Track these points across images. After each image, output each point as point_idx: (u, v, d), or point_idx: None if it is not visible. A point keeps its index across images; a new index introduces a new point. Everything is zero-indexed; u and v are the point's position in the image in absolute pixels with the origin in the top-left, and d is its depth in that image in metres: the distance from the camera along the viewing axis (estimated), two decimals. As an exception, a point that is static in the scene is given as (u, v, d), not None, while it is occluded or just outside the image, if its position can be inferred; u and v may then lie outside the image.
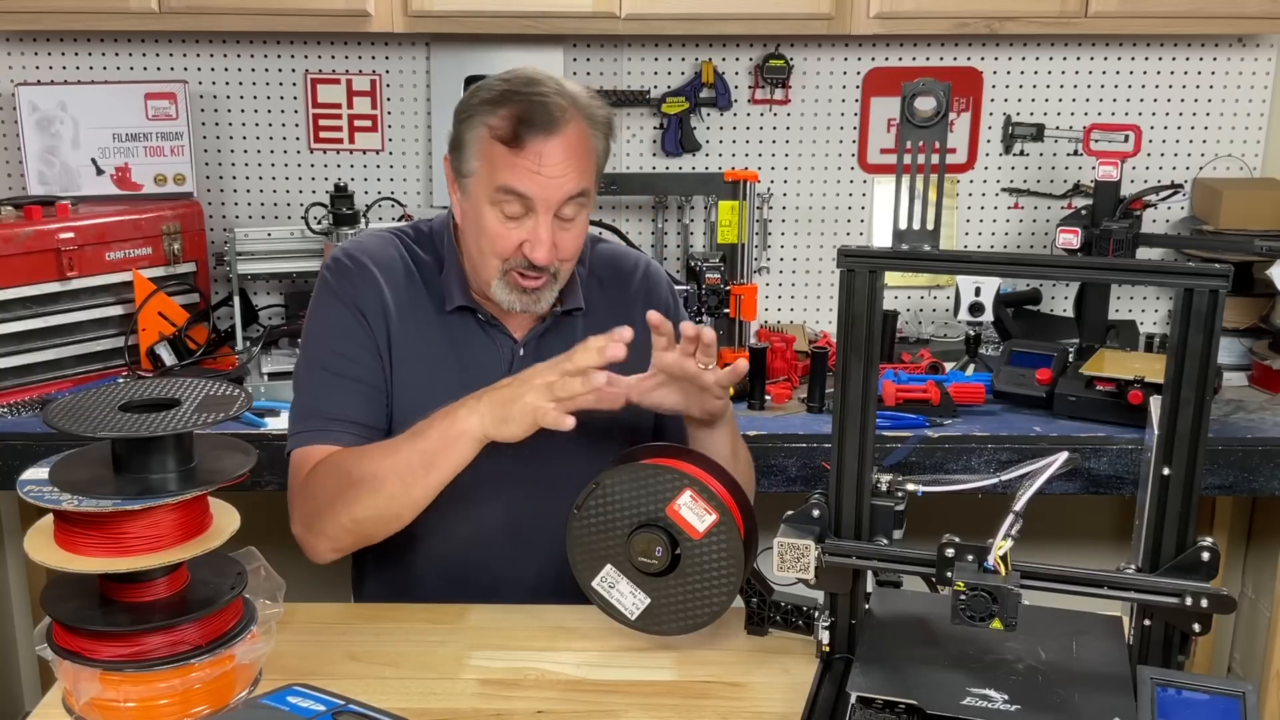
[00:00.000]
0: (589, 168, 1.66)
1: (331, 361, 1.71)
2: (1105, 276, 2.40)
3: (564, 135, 1.61)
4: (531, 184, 1.61)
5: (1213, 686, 1.18)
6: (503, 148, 1.61)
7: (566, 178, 1.62)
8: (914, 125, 1.30)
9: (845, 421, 1.32)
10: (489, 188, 1.63)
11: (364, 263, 1.74)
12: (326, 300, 1.74)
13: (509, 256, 1.65)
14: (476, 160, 1.65)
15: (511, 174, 1.61)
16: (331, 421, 1.68)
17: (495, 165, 1.62)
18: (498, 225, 1.64)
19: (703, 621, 1.46)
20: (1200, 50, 2.87)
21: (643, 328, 1.78)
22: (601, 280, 1.82)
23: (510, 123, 1.60)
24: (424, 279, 1.75)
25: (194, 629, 1.26)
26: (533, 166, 1.60)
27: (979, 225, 2.98)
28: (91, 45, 2.80)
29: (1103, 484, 2.31)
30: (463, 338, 1.74)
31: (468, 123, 1.66)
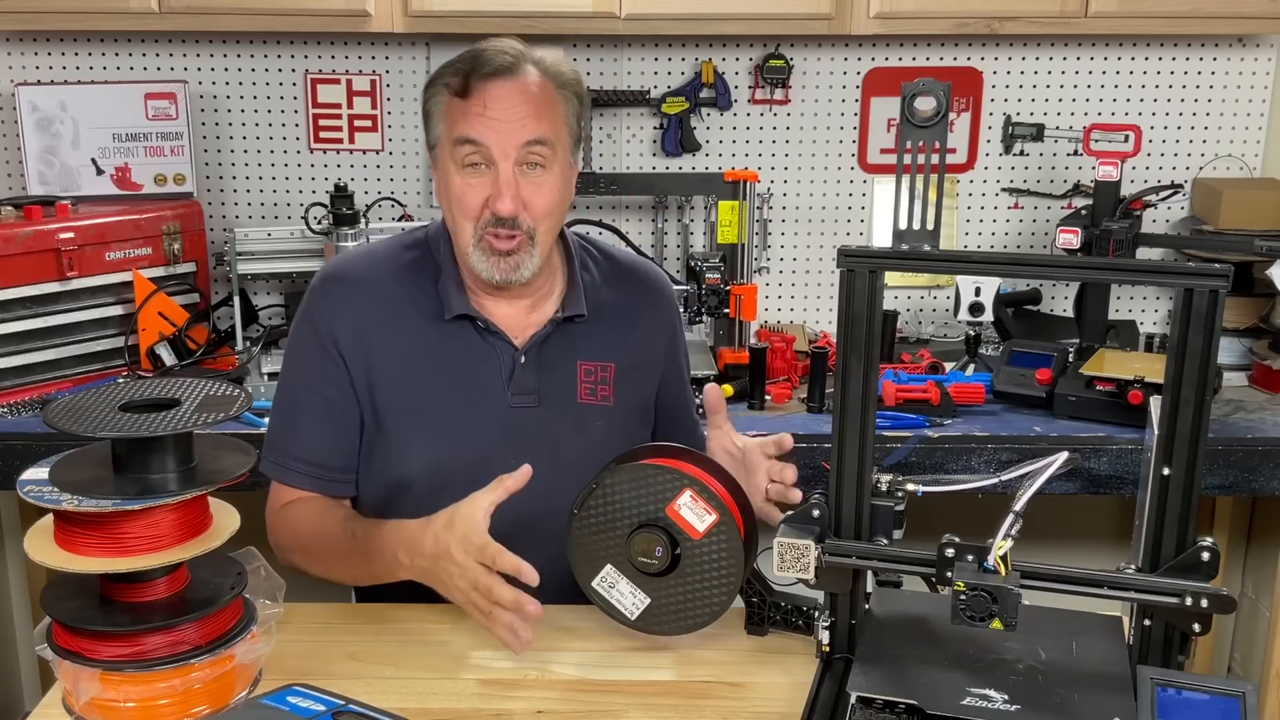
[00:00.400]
0: (550, 117, 1.64)
1: (300, 394, 1.71)
2: (1105, 276, 2.40)
3: (516, 81, 1.62)
4: (482, 127, 1.60)
5: (1213, 686, 1.18)
6: (457, 100, 1.62)
7: (520, 122, 1.61)
8: (914, 125, 1.30)
9: (845, 421, 1.32)
10: (448, 143, 1.64)
11: (348, 284, 1.72)
12: (302, 329, 1.73)
13: (477, 216, 1.64)
14: (439, 124, 1.66)
15: (464, 121, 1.61)
16: (296, 461, 1.70)
17: (453, 119, 1.63)
18: (461, 183, 1.64)
19: (703, 621, 1.46)
20: (1200, 50, 2.87)
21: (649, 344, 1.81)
22: (613, 287, 1.81)
23: (461, 75, 1.62)
24: (419, 289, 1.72)
25: (194, 629, 1.26)
26: (480, 110, 1.60)
27: (979, 225, 2.98)
28: (91, 45, 2.80)
29: (1103, 484, 2.31)
30: (460, 348, 1.72)
31: (431, 90, 1.67)
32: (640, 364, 1.80)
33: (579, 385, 1.74)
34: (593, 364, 1.75)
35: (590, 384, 1.75)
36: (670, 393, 1.86)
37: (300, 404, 1.71)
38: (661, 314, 1.84)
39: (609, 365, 1.76)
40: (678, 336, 1.88)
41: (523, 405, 1.71)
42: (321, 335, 1.70)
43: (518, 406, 1.70)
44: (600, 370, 1.75)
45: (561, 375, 1.74)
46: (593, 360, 1.75)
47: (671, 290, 1.89)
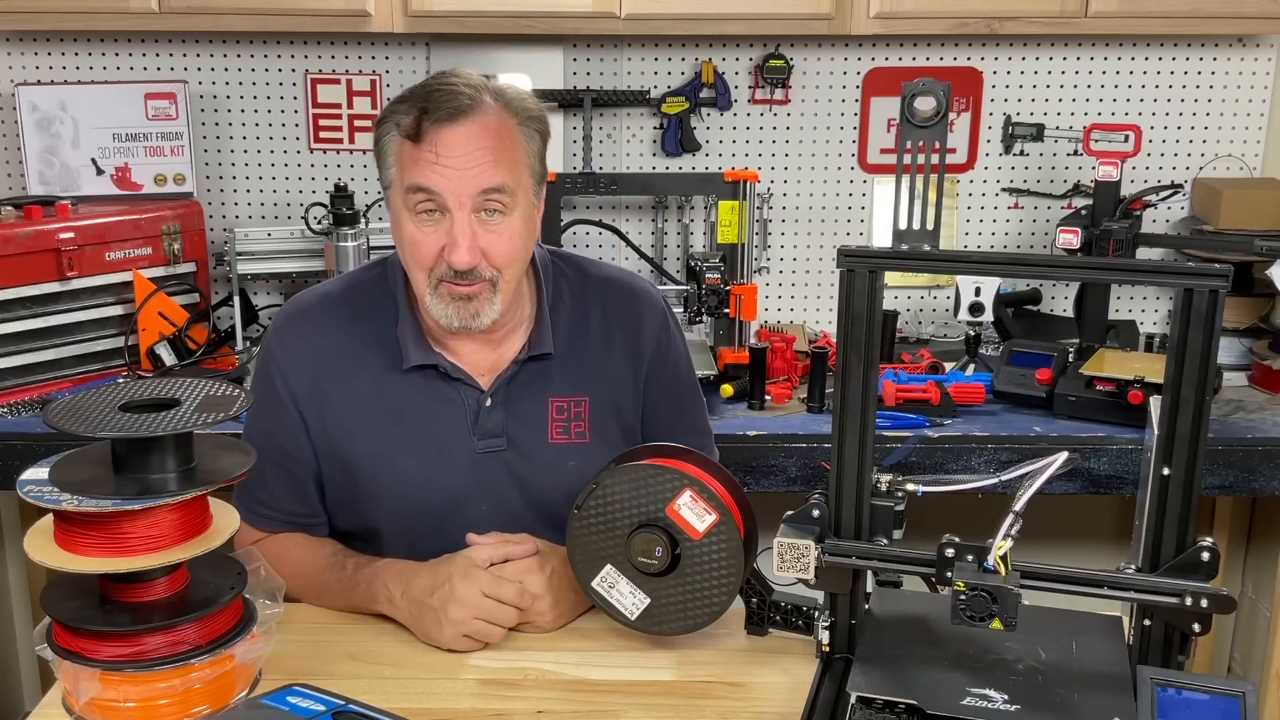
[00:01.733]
0: (509, 160, 1.54)
1: (263, 444, 1.60)
2: (1105, 276, 2.40)
3: (472, 123, 1.52)
4: (435, 176, 1.51)
5: (1213, 686, 1.18)
6: (409, 144, 1.53)
7: (476, 170, 1.51)
8: (914, 125, 1.30)
9: (845, 421, 1.32)
10: (401, 191, 1.55)
11: (305, 332, 1.66)
12: (263, 379, 1.68)
13: (432, 266, 1.55)
14: (392, 166, 1.57)
15: (415, 169, 1.52)
16: (261, 507, 1.67)
17: (403, 164, 1.54)
18: (415, 231, 1.55)
19: (703, 621, 1.46)
20: (1200, 50, 2.87)
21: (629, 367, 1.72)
22: (588, 311, 1.72)
23: (415, 117, 1.52)
24: (376, 335, 1.65)
25: (194, 629, 1.26)
26: (432, 157, 1.51)
27: (979, 225, 2.98)
28: (91, 45, 2.80)
29: (1103, 484, 2.31)
30: (421, 395, 1.64)
31: (382, 127, 1.58)
32: (619, 398, 1.71)
33: (550, 425, 1.67)
34: (565, 400, 1.68)
35: (563, 422, 1.68)
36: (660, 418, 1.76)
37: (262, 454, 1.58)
38: (643, 335, 1.73)
39: (583, 400, 1.68)
40: (666, 353, 1.76)
41: (491, 449, 1.65)
42: (278, 388, 1.65)
43: (485, 451, 1.65)
44: (573, 406, 1.68)
45: (531, 415, 1.67)
46: (565, 396, 1.68)
47: (656, 301, 1.77)
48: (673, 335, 1.77)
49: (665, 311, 1.78)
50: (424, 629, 1.50)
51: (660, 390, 1.75)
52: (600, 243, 2.91)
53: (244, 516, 1.60)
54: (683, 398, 1.80)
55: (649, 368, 1.73)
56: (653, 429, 1.75)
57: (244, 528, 1.64)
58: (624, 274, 1.80)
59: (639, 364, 1.72)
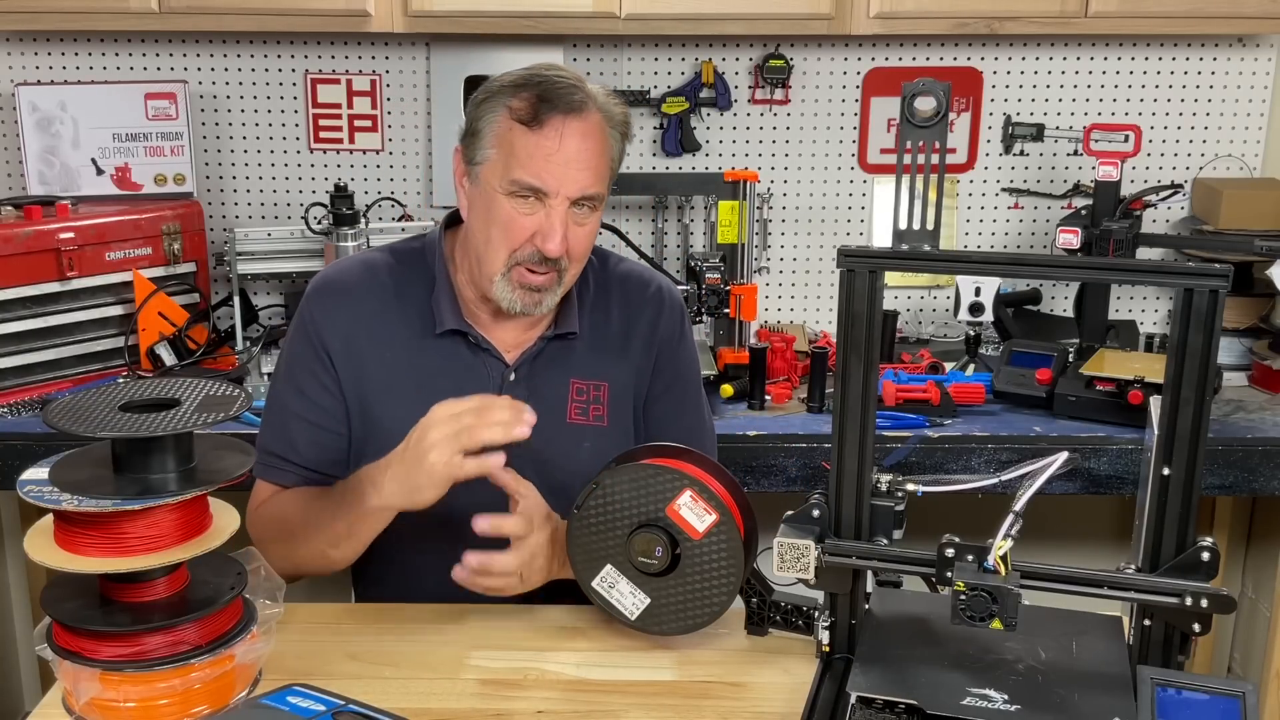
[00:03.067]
0: (605, 167, 1.63)
1: (292, 399, 1.71)
2: (1105, 276, 2.40)
3: (585, 120, 1.58)
4: (548, 171, 1.57)
5: (1213, 686, 1.18)
6: (522, 129, 1.57)
7: (585, 171, 1.59)
8: (914, 125, 1.30)
9: (845, 421, 1.32)
10: (504, 172, 1.59)
11: (341, 293, 1.71)
12: (297, 335, 1.73)
13: (519, 246, 1.61)
14: (492, 146, 1.61)
15: (529, 160, 1.57)
16: (281, 461, 1.70)
17: (514, 147, 1.58)
18: (511, 211, 1.60)
19: (703, 621, 1.46)
20: (1200, 50, 2.87)
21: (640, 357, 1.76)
22: (609, 301, 1.77)
23: (531, 103, 1.57)
24: (411, 303, 1.71)
25: (194, 629, 1.26)
26: (553, 146, 1.57)
27: (979, 225, 2.98)
28: (91, 45, 2.80)
29: (1103, 484, 2.31)
30: (450, 363, 1.70)
31: (485, 104, 1.62)
32: (637, 380, 1.77)
33: (569, 404, 1.72)
34: (585, 383, 1.73)
35: (582, 403, 1.72)
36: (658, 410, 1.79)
37: (291, 409, 1.71)
38: (658, 329, 1.78)
39: (602, 384, 1.73)
40: (674, 347, 1.80)
41: None
42: (314, 343, 1.70)
43: None
44: (593, 389, 1.73)
45: (552, 393, 1.71)
46: (586, 379, 1.73)
47: (675, 297, 1.83)
48: (685, 334, 1.83)
49: (681, 309, 1.83)
50: (416, 481, 1.47)
51: (662, 383, 1.79)
52: (600, 243, 2.90)
53: (261, 474, 1.70)
54: (682, 395, 1.82)
55: (657, 359, 1.78)
56: (648, 421, 1.78)
57: (261, 488, 1.72)
58: (645, 268, 1.86)
59: (650, 354, 1.77)
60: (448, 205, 2.88)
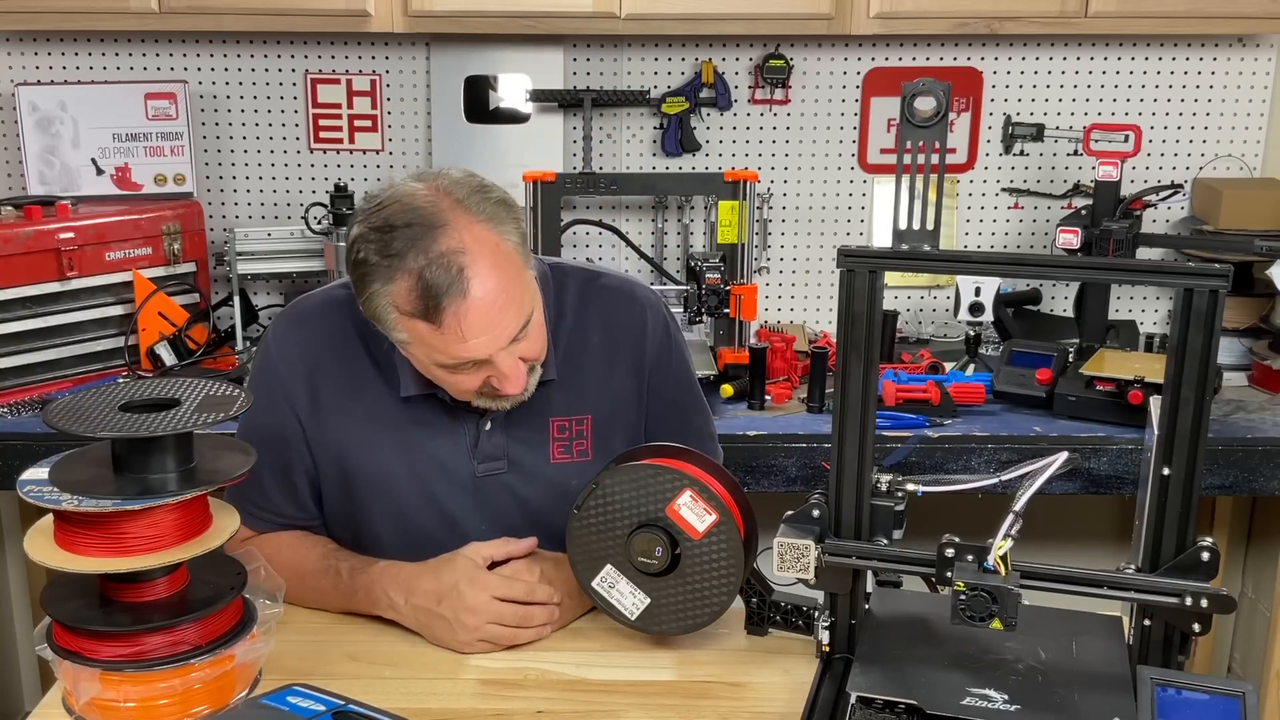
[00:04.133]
0: (518, 286, 1.48)
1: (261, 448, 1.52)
2: (1105, 276, 2.40)
3: (479, 281, 1.43)
4: (474, 350, 1.45)
5: (1213, 686, 1.18)
6: (423, 326, 1.44)
7: (504, 323, 1.46)
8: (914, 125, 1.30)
9: (845, 421, 1.32)
10: (430, 356, 1.49)
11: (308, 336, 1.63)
12: (261, 375, 1.65)
13: (477, 392, 1.53)
14: (401, 332, 1.48)
15: (448, 351, 1.46)
16: (259, 509, 1.64)
17: (427, 343, 1.47)
18: (453, 378, 1.51)
19: (703, 621, 1.46)
20: (1200, 50, 2.87)
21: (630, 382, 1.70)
22: (587, 326, 1.68)
23: (416, 299, 1.43)
24: (376, 353, 1.61)
25: (194, 629, 1.26)
26: (462, 336, 1.44)
27: (979, 225, 2.98)
28: (91, 45, 2.80)
29: (1103, 484, 2.31)
30: (421, 419, 1.62)
31: (367, 292, 1.47)
32: (623, 407, 1.70)
33: (551, 445, 1.65)
34: (566, 419, 1.65)
35: (564, 441, 1.65)
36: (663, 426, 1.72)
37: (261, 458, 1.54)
38: (645, 345, 1.70)
39: (585, 418, 1.66)
40: (667, 360, 1.73)
41: (491, 472, 1.63)
42: (276, 392, 1.62)
43: (486, 474, 1.63)
44: (575, 425, 1.66)
45: (532, 436, 1.64)
46: (566, 416, 1.65)
47: (658, 308, 1.73)
48: (675, 342, 1.75)
49: (666, 318, 1.75)
50: (437, 637, 1.50)
51: (663, 399, 1.73)
52: (600, 243, 2.92)
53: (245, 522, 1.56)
54: (686, 405, 1.78)
55: (651, 377, 1.71)
56: (657, 436, 1.72)
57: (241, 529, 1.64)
58: (624, 281, 1.77)
59: (641, 375, 1.70)
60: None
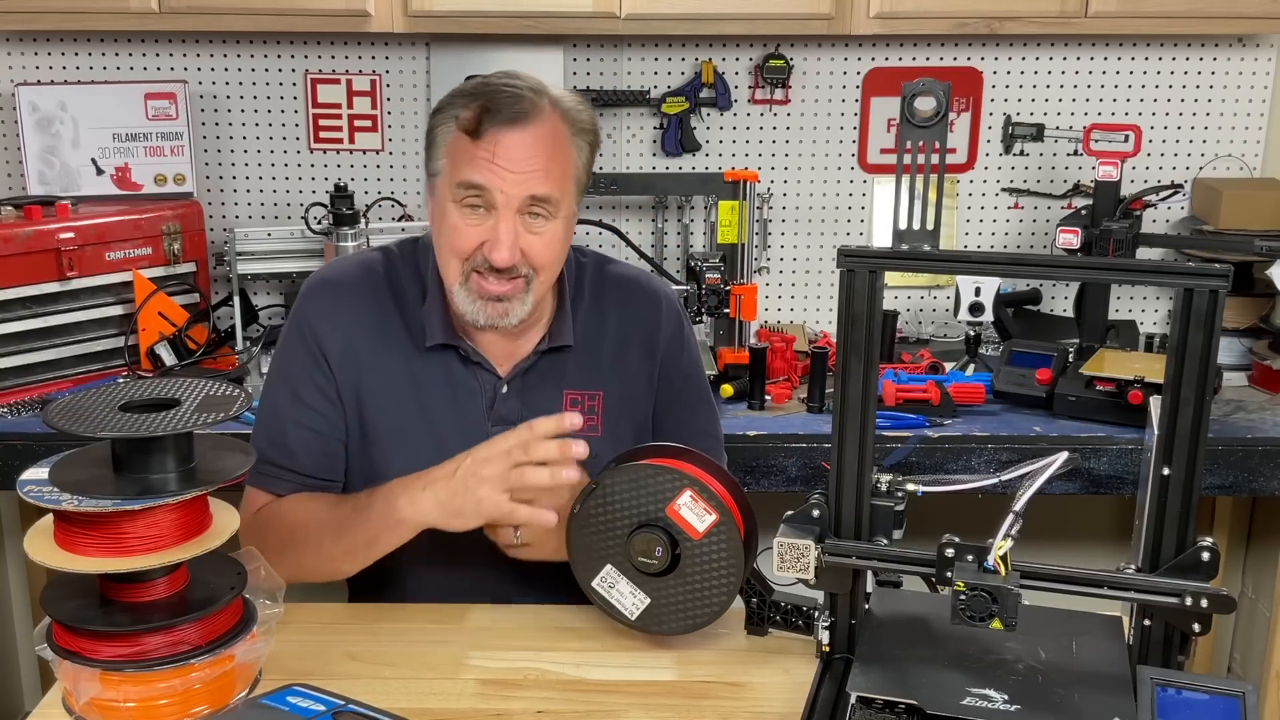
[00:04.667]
0: (559, 170, 1.59)
1: (287, 404, 1.68)
2: (1105, 276, 2.40)
3: (531, 128, 1.56)
4: (489, 174, 1.55)
5: (1213, 686, 1.18)
6: (465, 139, 1.56)
7: (529, 175, 1.55)
8: (914, 125, 1.30)
9: (845, 421, 1.32)
10: (451, 182, 1.58)
11: (339, 295, 1.69)
12: (292, 335, 1.70)
13: (469, 255, 1.59)
14: (443, 157, 1.60)
15: (470, 165, 1.56)
16: (278, 469, 1.67)
17: (457, 158, 1.57)
18: (457, 221, 1.58)
19: (703, 621, 1.46)
20: (1200, 50, 2.87)
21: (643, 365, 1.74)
22: (604, 308, 1.75)
23: (475, 112, 1.56)
24: (404, 311, 1.69)
25: (194, 629, 1.26)
26: (488, 156, 1.54)
27: (979, 225, 2.98)
28: (91, 45, 2.80)
29: (1103, 484, 2.31)
30: (442, 376, 1.68)
31: (438, 116, 1.62)
32: (633, 393, 1.74)
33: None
34: (579, 393, 1.71)
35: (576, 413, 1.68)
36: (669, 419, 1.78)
37: (288, 415, 1.68)
38: (659, 335, 1.76)
39: (597, 394, 1.71)
40: (678, 353, 1.78)
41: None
42: (311, 345, 1.68)
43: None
44: (587, 399, 1.71)
45: (546, 404, 1.68)
46: (580, 389, 1.71)
47: (672, 301, 1.81)
48: (686, 337, 1.80)
49: (680, 313, 1.81)
50: (459, 506, 1.49)
51: (670, 391, 1.78)
52: (600, 243, 2.91)
53: (255, 482, 1.67)
54: (692, 400, 1.81)
55: (661, 367, 1.76)
56: (661, 429, 1.77)
57: (254, 495, 1.68)
58: (641, 273, 1.83)
59: (653, 363, 1.76)
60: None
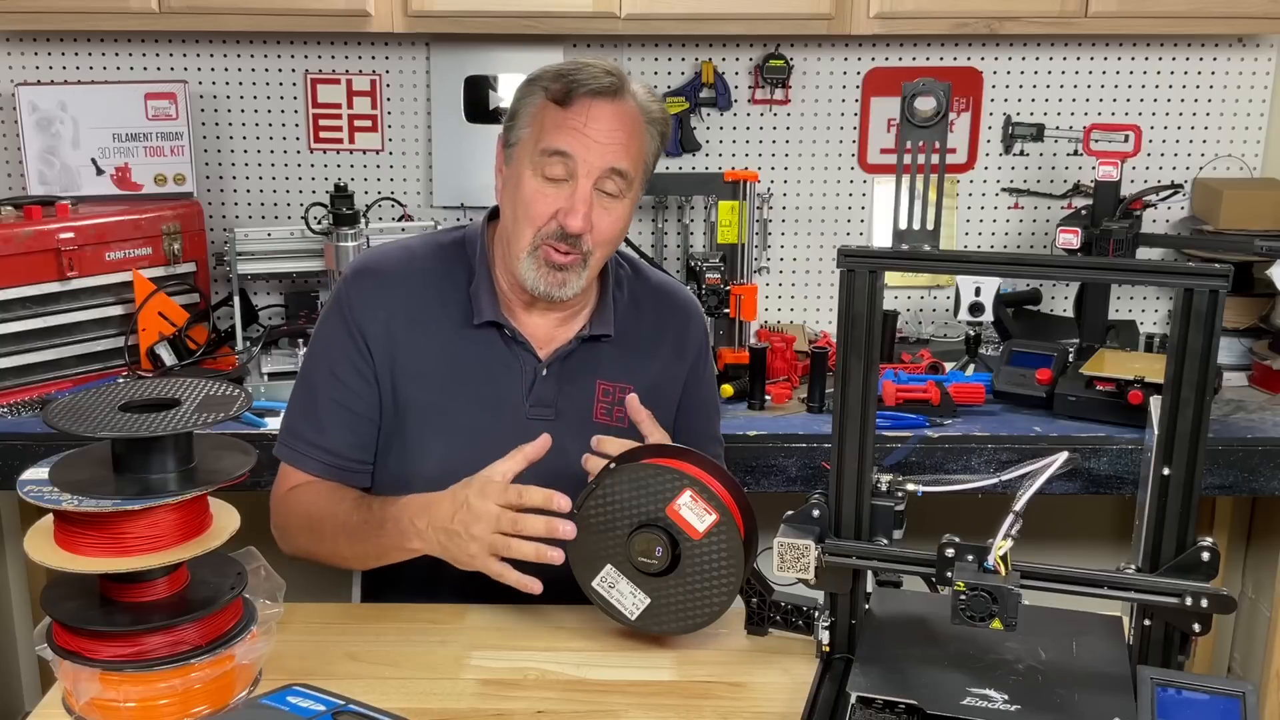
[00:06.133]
0: (637, 150, 1.65)
1: (325, 383, 1.72)
2: (1105, 276, 2.40)
3: (616, 105, 1.62)
4: (576, 142, 1.60)
5: (1213, 686, 1.18)
6: (554, 107, 1.62)
7: (612, 146, 1.61)
8: (914, 125, 1.30)
9: (845, 421, 1.32)
10: (534, 149, 1.63)
11: (380, 278, 1.73)
12: (333, 317, 1.74)
13: (543, 224, 1.63)
14: (527, 126, 1.65)
15: (558, 132, 1.61)
16: (312, 448, 1.71)
17: (544, 125, 1.62)
18: (536, 187, 1.63)
19: (703, 621, 1.46)
20: (1200, 50, 2.87)
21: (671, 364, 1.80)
22: (640, 306, 1.80)
23: (564, 84, 1.61)
24: (450, 292, 1.73)
25: (194, 629, 1.26)
26: (579, 124, 1.60)
27: (979, 225, 2.98)
28: (91, 45, 2.80)
29: (1103, 484, 2.31)
30: (484, 354, 1.72)
31: (526, 89, 1.67)
32: (660, 390, 1.79)
33: (596, 404, 1.75)
34: (611, 384, 1.75)
35: (607, 404, 1.75)
36: (687, 422, 1.83)
37: (322, 393, 1.71)
38: (689, 340, 1.83)
39: (627, 388, 1.74)
40: (702, 363, 1.87)
41: (540, 417, 1.71)
42: (350, 327, 1.71)
43: (535, 418, 1.70)
44: (618, 391, 1.74)
45: (581, 392, 1.74)
46: (612, 381, 1.75)
47: (701, 315, 1.88)
48: (709, 348, 1.89)
49: (705, 324, 1.89)
50: (454, 556, 1.52)
51: (692, 397, 1.84)
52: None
53: (290, 459, 1.72)
54: (708, 407, 1.89)
55: (689, 373, 1.83)
56: (679, 432, 1.80)
57: (287, 472, 1.73)
58: (675, 282, 1.92)
59: (683, 365, 1.82)
60: (448, 205, 2.88)
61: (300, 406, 1.74)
